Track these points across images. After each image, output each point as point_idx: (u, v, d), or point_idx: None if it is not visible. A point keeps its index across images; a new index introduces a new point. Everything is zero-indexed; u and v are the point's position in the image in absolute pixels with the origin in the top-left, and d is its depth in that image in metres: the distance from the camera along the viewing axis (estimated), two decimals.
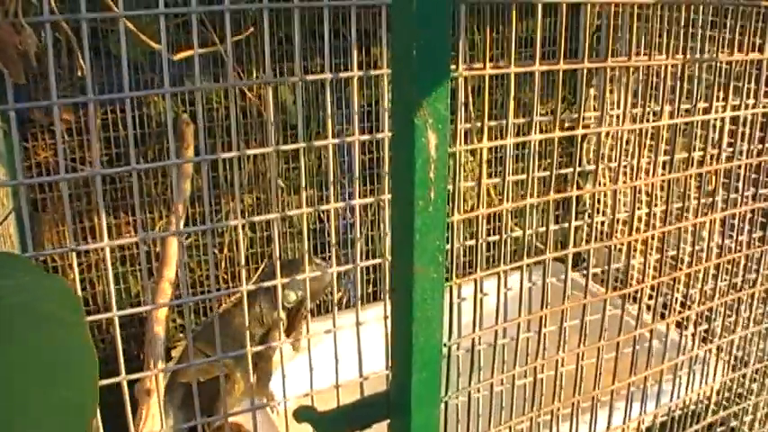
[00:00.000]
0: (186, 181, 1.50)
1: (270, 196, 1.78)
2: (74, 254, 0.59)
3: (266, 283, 0.74)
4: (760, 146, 0.91)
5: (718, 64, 0.82)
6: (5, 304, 0.36)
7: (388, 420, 0.68)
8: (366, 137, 0.71)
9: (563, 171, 0.82)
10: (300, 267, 1.50)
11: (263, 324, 1.52)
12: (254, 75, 1.72)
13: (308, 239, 1.88)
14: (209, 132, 1.72)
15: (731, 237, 0.93)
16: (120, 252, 1.74)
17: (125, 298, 1.78)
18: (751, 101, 0.88)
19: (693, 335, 0.95)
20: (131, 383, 0.65)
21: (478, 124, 0.73)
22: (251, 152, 0.69)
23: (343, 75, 0.67)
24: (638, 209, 0.79)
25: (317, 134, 1.82)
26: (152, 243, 1.68)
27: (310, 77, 0.65)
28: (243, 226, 0.67)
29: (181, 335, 1.79)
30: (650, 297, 0.93)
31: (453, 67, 0.60)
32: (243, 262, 0.70)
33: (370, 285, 1.97)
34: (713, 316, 0.95)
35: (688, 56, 0.78)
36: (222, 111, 1.73)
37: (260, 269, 1.63)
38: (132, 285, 1.78)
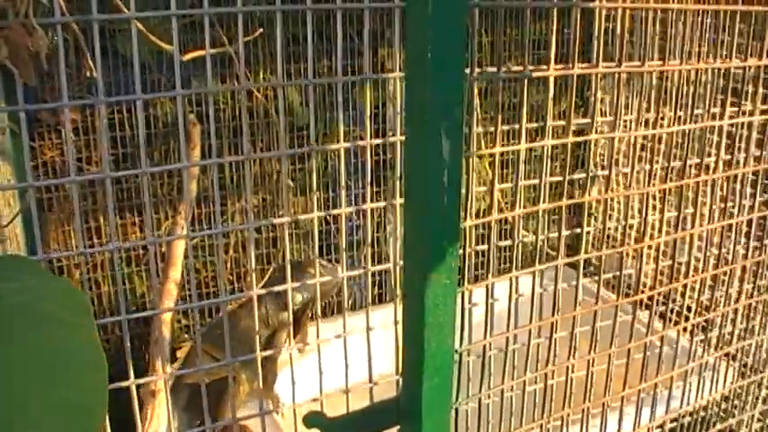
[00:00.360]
0: (192, 182, 1.50)
1: (276, 197, 1.78)
2: (81, 255, 0.59)
3: (276, 288, 0.74)
4: None
5: (731, 69, 0.82)
6: (5, 304, 0.36)
7: (398, 426, 0.68)
8: (378, 140, 0.71)
9: (575, 177, 0.82)
10: (307, 269, 1.50)
11: (268, 326, 1.52)
12: (261, 75, 1.72)
13: (318, 241, 1.87)
14: (216, 133, 1.72)
15: (742, 243, 0.93)
16: (126, 252, 1.74)
17: (130, 298, 1.77)
18: (764, 106, 0.87)
19: (703, 341, 0.95)
20: (137, 385, 0.65)
21: (491, 129, 0.72)
22: (262, 156, 0.68)
23: (355, 78, 0.67)
24: (652, 215, 0.79)
25: (324, 135, 1.81)
26: (158, 243, 1.67)
27: (322, 80, 0.65)
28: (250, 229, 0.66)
29: (186, 335, 1.79)
30: (658, 302, 0.92)
31: (467, 70, 0.60)
32: (253, 266, 0.69)
33: (376, 288, 1.96)
34: (724, 322, 0.95)
35: (701, 60, 0.77)
36: (229, 111, 1.73)
37: (268, 274, 1.62)
38: (138, 286, 1.78)
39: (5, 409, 0.32)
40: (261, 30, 1.21)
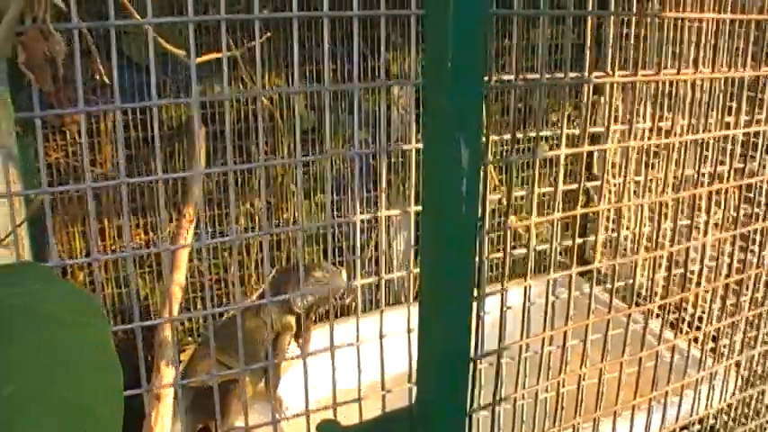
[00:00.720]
0: (197, 184, 1.49)
1: (281, 200, 1.77)
2: (85, 258, 0.59)
3: (283, 297, 0.73)
4: None
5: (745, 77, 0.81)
6: (5, 305, 0.36)
7: None
8: (392, 146, 0.70)
9: (583, 185, 0.81)
10: (311, 272, 1.50)
11: (272, 329, 1.52)
12: (267, 78, 1.71)
13: (319, 244, 1.87)
14: (221, 135, 1.72)
15: (753, 251, 0.92)
16: None
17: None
18: None
19: (713, 350, 0.94)
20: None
21: (503, 136, 0.72)
22: (275, 162, 0.68)
23: (372, 84, 0.66)
24: (662, 223, 0.78)
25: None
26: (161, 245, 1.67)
27: (339, 86, 0.64)
28: (253, 231, 0.66)
29: (189, 338, 1.78)
30: (665, 310, 0.92)
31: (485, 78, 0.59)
32: (265, 272, 0.69)
33: (378, 290, 1.96)
34: (734, 331, 0.94)
35: (715, 68, 0.77)
36: (234, 114, 1.72)
37: (270, 276, 1.62)
38: (141, 288, 1.77)
39: (5, 409, 0.32)
40: (268, 33, 1.21)
